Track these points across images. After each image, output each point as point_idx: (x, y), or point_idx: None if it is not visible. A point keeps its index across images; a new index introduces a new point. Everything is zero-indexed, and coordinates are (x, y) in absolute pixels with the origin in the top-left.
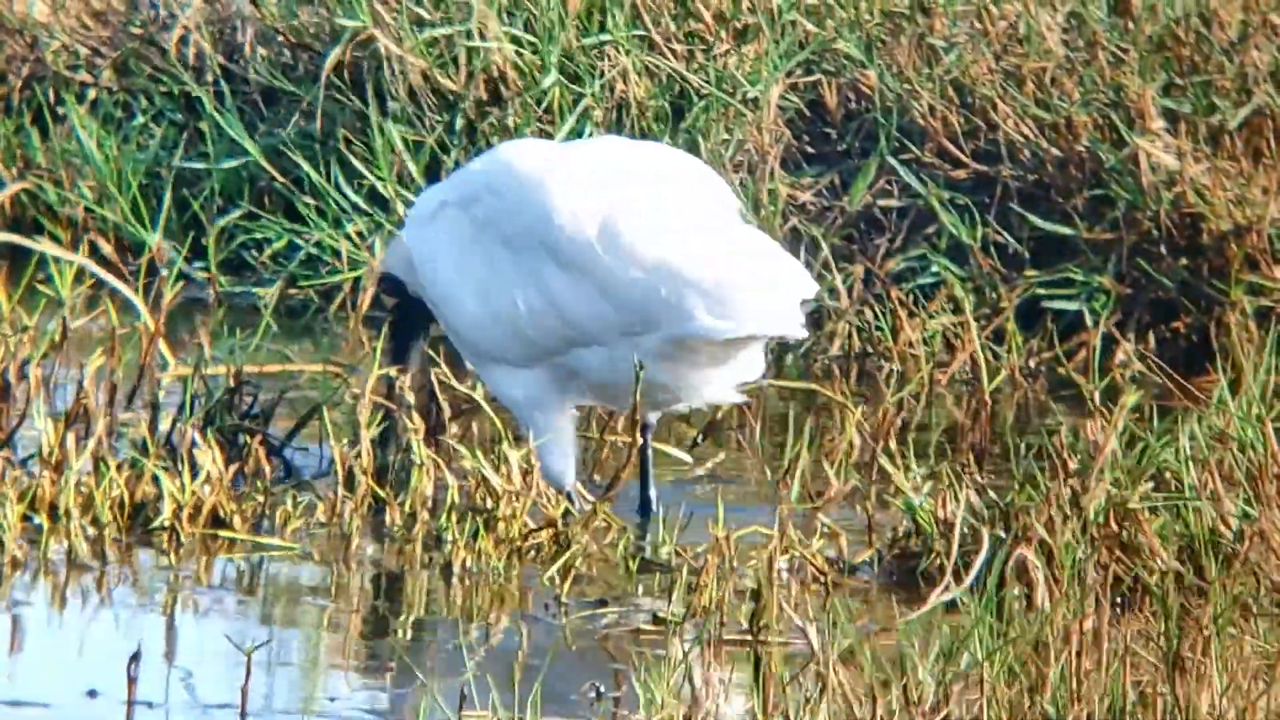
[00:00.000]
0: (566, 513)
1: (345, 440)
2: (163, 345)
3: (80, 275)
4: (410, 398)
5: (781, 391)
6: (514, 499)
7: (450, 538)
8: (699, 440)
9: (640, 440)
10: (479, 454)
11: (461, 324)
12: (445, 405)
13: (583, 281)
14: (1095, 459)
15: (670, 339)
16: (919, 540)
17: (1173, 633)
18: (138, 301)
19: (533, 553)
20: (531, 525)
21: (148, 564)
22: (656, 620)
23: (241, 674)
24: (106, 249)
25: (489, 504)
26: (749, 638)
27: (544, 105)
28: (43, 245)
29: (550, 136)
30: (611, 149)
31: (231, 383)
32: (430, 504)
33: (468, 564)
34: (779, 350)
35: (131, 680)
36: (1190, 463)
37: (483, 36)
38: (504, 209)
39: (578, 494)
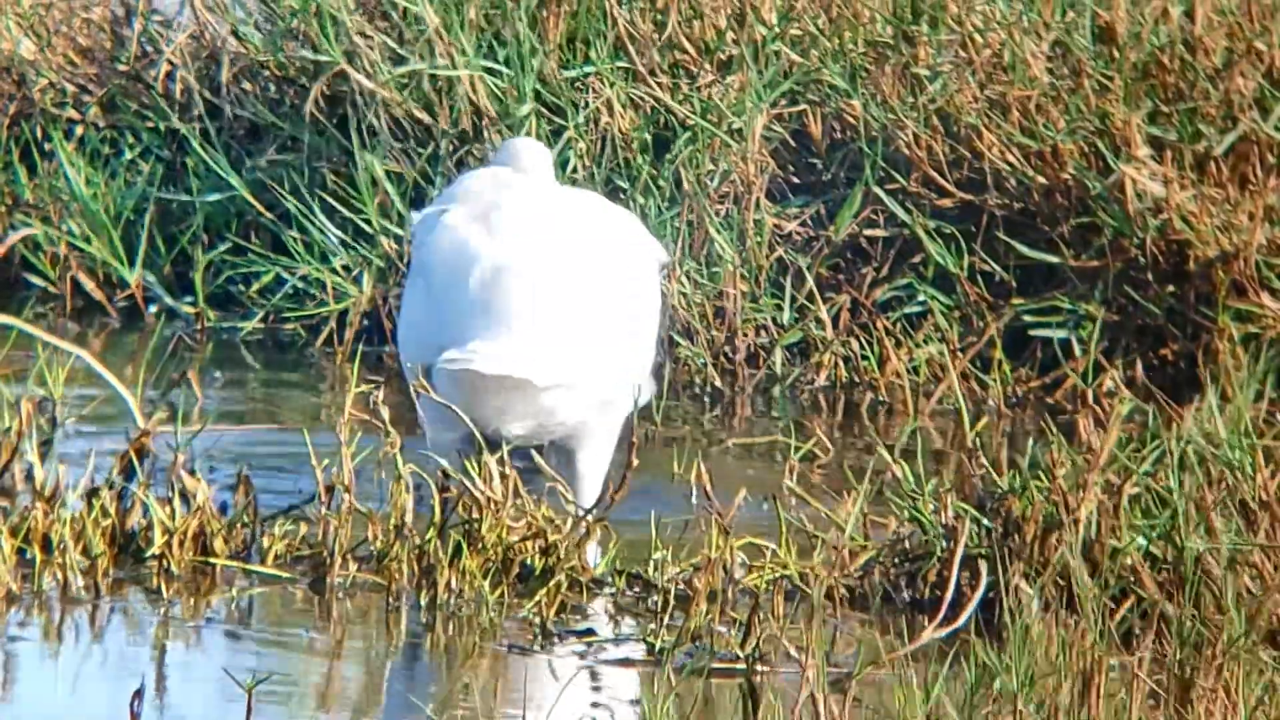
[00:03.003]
0: (552, 521)
1: (326, 460)
2: (135, 407)
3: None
4: (386, 413)
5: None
6: (497, 510)
7: (434, 556)
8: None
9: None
10: (467, 464)
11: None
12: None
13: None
14: (1089, 464)
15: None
16: (922, 545)
17: (1187, 662)
18: (126, 394)
19: (519, 568)
20: (515, 538)
21: (140, 595)
22: (649, 650)
23: (232, 707)
24: (90, 285)
25: (473, 514)
26: (741, 665)
27: (522, 135)
28: (39, 333)
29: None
30: (555, 198)
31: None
32: (414, 518)
33: (452, 584)
34: (766, 380)
35: (135, 715)
36: (1179, 489)
37: (454, 66)
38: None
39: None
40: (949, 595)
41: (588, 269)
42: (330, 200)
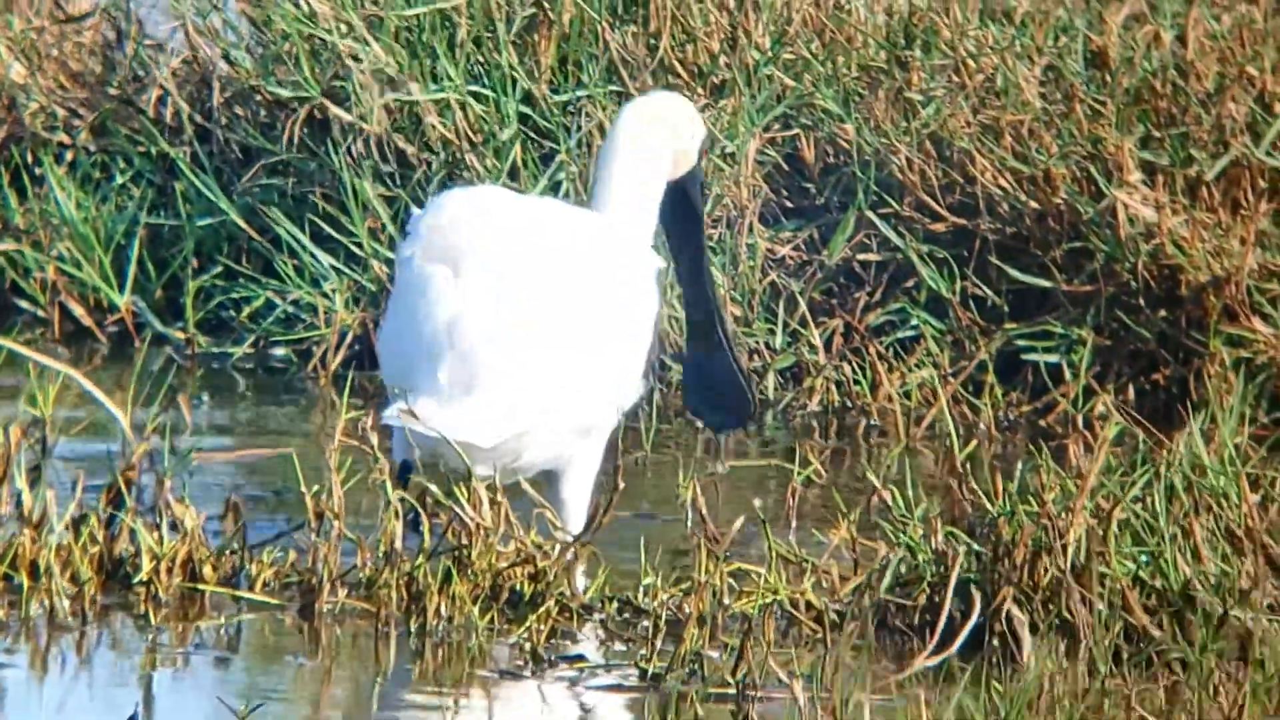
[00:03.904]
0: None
1: (316, 486)
2: (126, 428)
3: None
4: (375, 439)
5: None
6: (486, 536)
7: (424, 583)
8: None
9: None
10: (456, 490)
11: None
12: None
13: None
14: (1079, 488)
15: None
16: (913, 570)
17: (1204, 699)
18: (117, 414)
19: (509, 594)
20: (505, 564)
21: (127, 622)
22: (640, 675)
23: None
24: (79, 311)
25: (463, 540)
26: (733, 691)
27: (508, 160)
28: (31, 353)
29: (521, 193)
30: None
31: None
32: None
33: (442, 610)
34: (760, 405)
35: None
36: (1165, 515)
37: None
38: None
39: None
40: (941, 622)
41: (555, 310)
42: (321, 224)
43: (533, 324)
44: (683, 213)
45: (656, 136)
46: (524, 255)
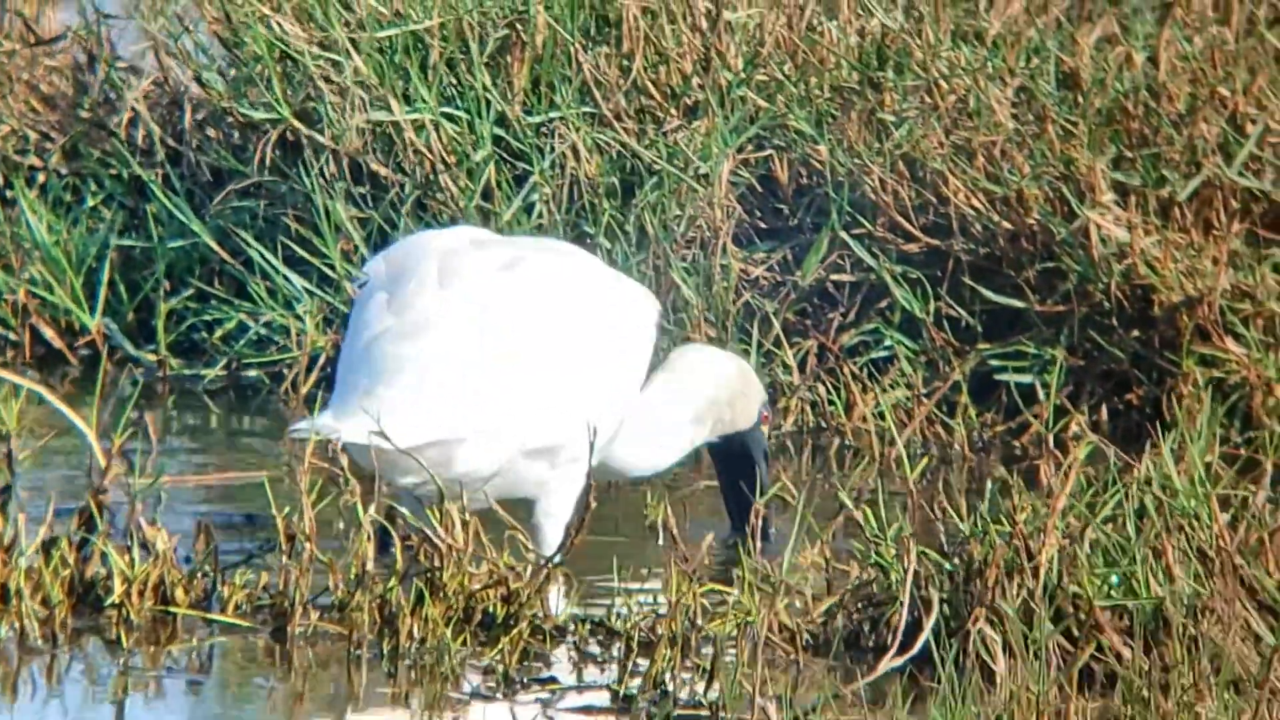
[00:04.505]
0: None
1: (287, 508)
2: (97, 452)
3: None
4: (345, 460)
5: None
6: (459, 557)
7: (396, 605)
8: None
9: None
10: (429, 512)
11: None
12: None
13: None
14: (1049, 509)
15: None
16: (885, 590)
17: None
18: (89, 435)
19: (481, 616)
20: (477, 586)
21: (99, 645)
22: (613, 697)
23: None
24: (50, 334)
25: (435, 562)
26: (705, 712)
27: (481, 181)
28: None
29: (495, 214)
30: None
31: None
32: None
33: (415, 632)
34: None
35: None
36: (1136, 536)
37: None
38: None
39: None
40: (900, 629)
41: (484, 335)
42: (294, 246)
43: (437, 332)
44: (741, 472)
45: (732, 389)
46: (474, 276)
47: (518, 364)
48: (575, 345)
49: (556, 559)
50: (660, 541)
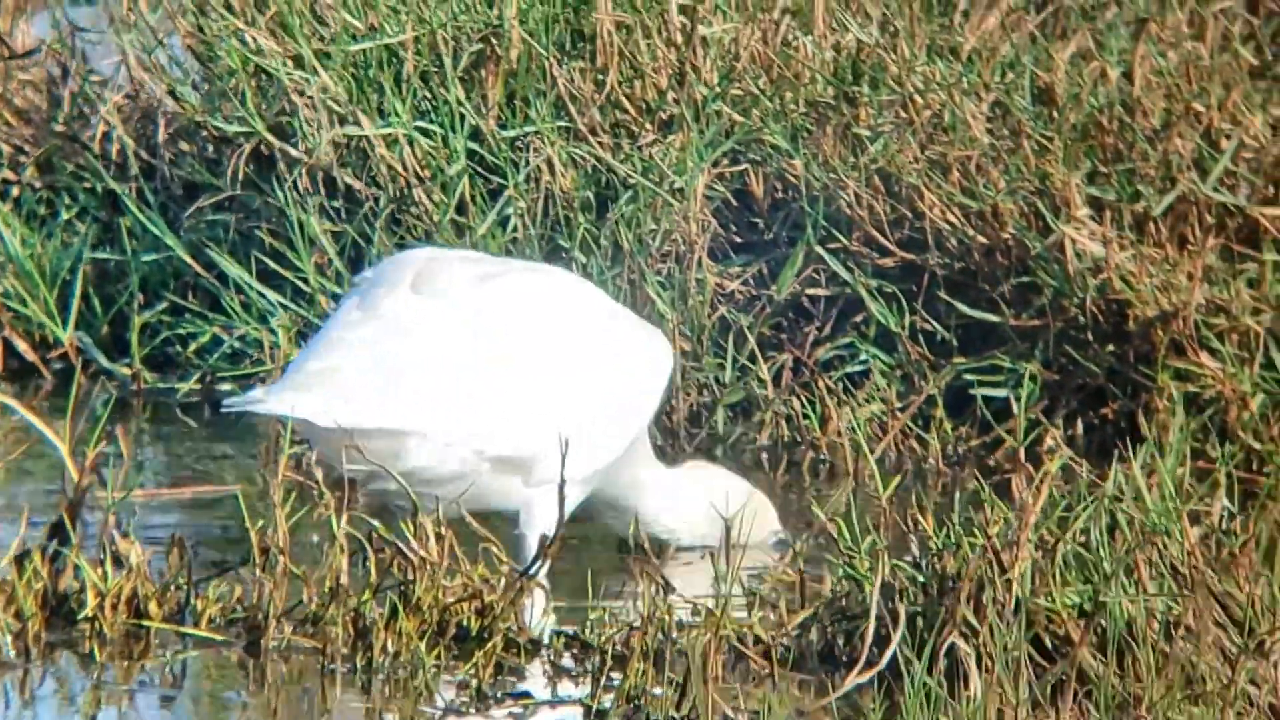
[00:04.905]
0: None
1: (261, 521)
2: (70, 465)
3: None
4: (319, 474)
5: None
6: (432, 570)
7: (369, 618)
8: None
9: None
10: (403, 524)
11: None
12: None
13: None
14: (1021, 521)
15: None
16: (859, 604)
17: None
18: (62, 449)
19: (455, 629)
20: (451, 599)
21: (72, 659)
22: (586, 712)
23: None
24: (23, 347)
25: (409, 576)
26: None
27: (455, 195)
28: None
29: (470, 228)
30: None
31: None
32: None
33: (389, 646)
34: (708, 439)
35: None
36: (1107, 550)
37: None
38: None
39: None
40: (869, 642)
41: (449, 336)
42: (267, 260)
43: (396, 324)
44: None
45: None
46: (450, 284)
47: (477, 367)
48: (543, 358)
49: (532, 571)
50: (633, 554)
